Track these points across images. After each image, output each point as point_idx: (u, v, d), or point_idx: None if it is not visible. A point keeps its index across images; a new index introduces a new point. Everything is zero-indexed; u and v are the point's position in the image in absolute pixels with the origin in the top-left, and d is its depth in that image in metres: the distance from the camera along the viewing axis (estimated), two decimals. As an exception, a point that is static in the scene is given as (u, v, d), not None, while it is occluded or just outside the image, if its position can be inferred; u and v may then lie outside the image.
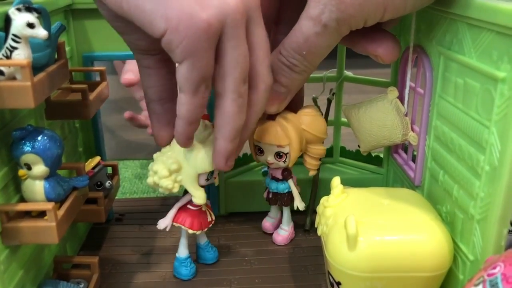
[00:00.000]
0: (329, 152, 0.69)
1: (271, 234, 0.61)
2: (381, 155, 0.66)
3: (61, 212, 0.41)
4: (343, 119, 0.67)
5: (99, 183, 0.55)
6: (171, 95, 0.45)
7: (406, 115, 0.55)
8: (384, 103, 0.55)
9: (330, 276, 0.47)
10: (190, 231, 0.52)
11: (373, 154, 0.67)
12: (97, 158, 0.56)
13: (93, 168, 0.55)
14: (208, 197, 0.54)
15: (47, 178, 0.42)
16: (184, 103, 0.39)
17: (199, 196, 0.50)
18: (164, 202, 0.71)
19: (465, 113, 0.43)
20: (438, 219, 0.45)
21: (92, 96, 0.51)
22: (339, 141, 0.69)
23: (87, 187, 0.48)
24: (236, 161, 0.65)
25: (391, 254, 0.43)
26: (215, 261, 0.56)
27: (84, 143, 0.62)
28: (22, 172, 0.41)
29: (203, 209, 0.53)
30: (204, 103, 0.40)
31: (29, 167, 0.41)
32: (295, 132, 0.53)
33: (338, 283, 0.45)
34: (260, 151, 0.55)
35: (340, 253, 0.44)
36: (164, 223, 0.52)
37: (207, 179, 0.50)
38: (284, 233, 0.60)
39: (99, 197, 0.53)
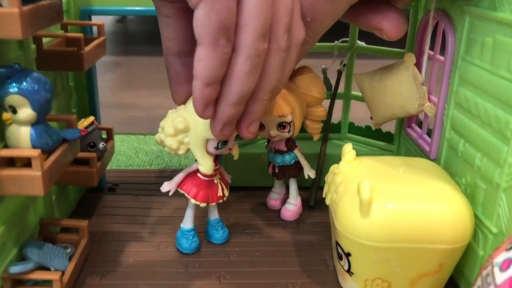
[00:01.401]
0: (337, 128, 0.66)
1: (276, 211, 0.58)
2: (392, 132, 0.63)
3: (48, 163, 0.38)
4: (354, 93, 0.63)
5: (92, 143, 0.51)
6: (191, 49, 0.39)
7: (423, 84, 0.52)
8: (400, 70, 0.52)
9: (338, 248, 0.43)
10: (193, 201, 0.48)
11: (383, 130, 0.64)
12: (91, 118, 0.52)
13: (86, 127, 0.51)
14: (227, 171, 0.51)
15: (34, 124, 0.38)
16: (202, 58, 0.33)
17: (204, 164, 0.46)
18: (161, 174, 0.68)
19: (493, 73, 0.40)
20: (458, 189, 0.42)
21: (87, 47, 0.47)
22: (348, 116, 0.65)
23: (79, 143, 0.44)
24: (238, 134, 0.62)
25: (407, 223, 0.39)
26: (223, 242, 0.51)
27: (78, 105, 0.58)
28: (6, 115, 0.37)
29: (215, 181, 0.48)
30: (225, 60, 0.34)
31: (14, 110, 0.37)
32: (295, 98, 0.50)
33: (348, 254, 0.42)
34: (260, 126, 0.52)
35: (352, 220, 0.40)
36: (168, 186, 0.48)
37: (217, 148, 0.45)
38: (292, 207, 0.56)
39: (91, 158, 0.50)
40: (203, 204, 0.48)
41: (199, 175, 0.48)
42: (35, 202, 0.46)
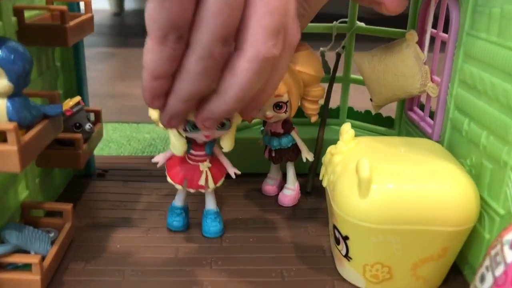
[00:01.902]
0: (335, 113, 0.63)
1: (272, 197, 0.55)
2: (392, 116, 0.60)
3: (26, 138, 0.35)
4: (353, 76, 0.61)
5: (78, 124, 0.49)
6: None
7: (425, 63, 0.49)
8: (402, 49, 0.50)
9: (335, 231, 0.41)
10: (168, 180, 0.46)
11: (383, 115, 0.61)
12: (77, 98, 0.50)
13: (72, 108, 0.49)
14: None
15: (10, 97, 0.35)
16: (149, 51, 0.31)
17: (174, 145, 0.43)
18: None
19: (501, 45, 0.38)
20: (462, 169, 0.39)
21: (72, 22, 0.45)
22: (346, 101, 0.63)
23: (61, 120, 0.42)
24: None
25: (409, 204, 0.37)
26: (214, 236, 0.48)
27: (65, 86, 0.55)
28: (-19, 86, 0.35)
29: (201, 168, 0.45)
30: (174, 57, 0.31)
31: (-11, 81, 0.34)
32: (291, 76, 0.47)
33: (346, 238, 0.40)
34: (258, 111, 0.49)
35: (350, 201, 0.38)
36: (158, 157, 0.46)
37: (185, 130, 0.42)
38: (290, 192, 0.54)
39: (77, 139, 0.47)
40: (178, 186, 0.46)
41: (186, 157, 0.46)
42: (15, 183, 0.44)
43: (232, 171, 0.46)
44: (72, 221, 0.45)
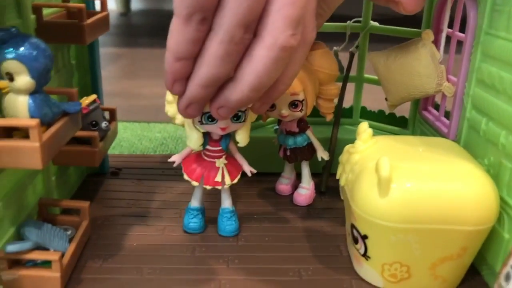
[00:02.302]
0: (349, 113, 0.63)
1: (286, 197, 0.55)
2: (406, 116, 0.60)
3: (47, 134, 0.35)
4: (366, 75, 0.61)
5: (94, 122, 0.49)
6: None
7: (441, 63, 0.49)
8: (417, 48, 0.49)
9: (354, 230, 0.41)
10: (185, 177, 0.46)
11: (397, 115, 0.61)
12: (93, 96, 0.50)
13: (88, 106, 0.49)
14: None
15: (32, 93, 0.35)
16: (174, 31, 0.32)
17: (190, 138, 0.43)
18: (166, 160, 0.65)
19: (521, 44, 0.38)
20: (481, 168, 0.39)
21: (90, 20, 0.45)
22: (360, 100, 0.63)
23: (80, 118, 0.42)
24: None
25: (428, 203, 0.37)
26: (230, 235, 0.47)
27: (80, 84, 0.56)
28: (3, 83, 0.35)
29: (217, 164, 0.45)
30: (197, 38, 0.32)
31: (11, 78, 0.35)
32: (307, 74, 0.47)
33: (364, 237, 0.39)
34: (270, 106, 0.49)
35: (369, 200, 0.38)
36: (174, 157, 0.46)
37: (201, 122, 0.42)
38: (305, 191, 0.54)
39: (93, 137, 0.47)
40: (195, 183, 0.46)
41: (202, 154, 0.46)
42: (34, 180, 0.44)
43: (248, 169, 0.46)
44: (89, 218, 0.45)
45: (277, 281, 0.41)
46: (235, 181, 0.46)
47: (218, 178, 0.45)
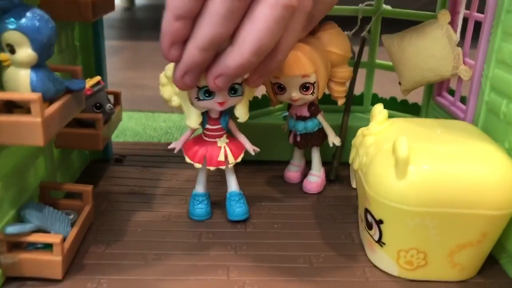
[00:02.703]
0: (359, 100, 0.62)
1: (295, 184, 0.54)
2: (419, 103, 0.58)
3: (49, 110, 0.34)
4: (378, 61, 0.59)
5: (98, 104, 0.48)
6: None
7: (457, 45, 0.48)
8: (433, 30, 0.48)
9: (368, 215, 0.39)
10: (188, 160, 0.44)
11: (409, 102, 0.60)
12: (97, 78, 0.49)
13: (92, 87, 0.47)
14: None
15: (34, 67, 0.34)
16: None
17: (188, 117, 0.42)
18: (171, 148, 0.64)
19: (546, 20, 0.36)
20: (503, 151, 0.38)
21: (95, -3, 0.43)
22: (371, 87, 0.61)
23: (83, 96, 0.41)
24: (253, 103, 0.58)
25: (447, 185, 0.35)
26: (240, 219, 0.46)
27: (84, 67, 0.54)
28: (4, 56, 0.33)
29: (219, 144, 0.44)
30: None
31: (12, 50, 0.33)
32: (319, 56, 0.45)
33: (379, 222, 0.38)
34: (280, 88, 0.47)
35: (385, 183, 0.36)
36: (174, 143, 0.44)
37: (198, 98, 0.40)
38: (316, 179, 0.52)
39: (97, 119, 0.46)
40: (198, 165, 0.44)
41: (202, 135, 0.45)
42: (35, 162, 0.43)
43: (251, 147, 0.45)
44: (92, 203, 0.44)
45: (287, 268, 0.40)
46: (239, 159, 0.45)
47: (221, 158, 0.44)
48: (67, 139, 0.46)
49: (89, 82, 0.47)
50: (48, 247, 0.37)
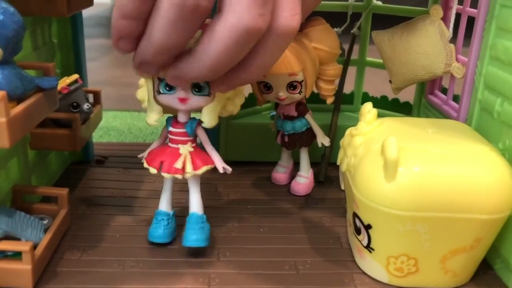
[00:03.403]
0: (349, 98, 0.60)
1: (282, 186, 0.52)
2: (410, 102, 0.57)
3: (16, 110, 0.32)
4: (369, 59, 0.57)
5: (75, 103, 0.45)
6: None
7: (450, 42, 0.46)
8: (425, 25, 0.46)
9: (356, 220, 0.37)
10: (145, 165, 0.40)
11: (400, 101, 0.58)
12: (75, 76, 0.46)
13: (69, 85, 0.45)
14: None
15: (0, 64, 0.32)
16: None
17: (148, 112, 0.39)
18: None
19: (542, 14, 0.34)
20: (496, 151, 0.36)
21: (71, -9, 0.41)
22: (361, 85, 0.59)
23: (57, 95, 0.38)
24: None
25: (439, 188, 0.33)
26: (197, 245, 0.39)
27: (62, 65, 0.52)
28: (-35, 52, 0.31)
29: (181, 151, 0.39)
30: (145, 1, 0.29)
31: (-25, 45, 0.31)
32: (307, 53, 0.44)
33: (368, 227, 0.36)
34: (266, 87, 0.46)
35: (374, 185, 0.34)
36: (144, 153, 0.41)
37: (158, 91, 0.37)
38: (304, 180, 0.50)
39: (74, 119, 0.44)
40: (153, 170, 0.39)
41: (168, 142, 0.41)
42: (7, 165, 0.40)
43: (221, 165, 0.40)
44: (68, 207, 0.42)
45: (272, 275, 0.38)
46: (199, 172, 0.39)
47: (179, 165, 0.38)
48: (43, 139, 0.44)
49: (66, 80, 0.45)
50: (18, 255, 0.35)
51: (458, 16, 0.47)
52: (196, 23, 0.29)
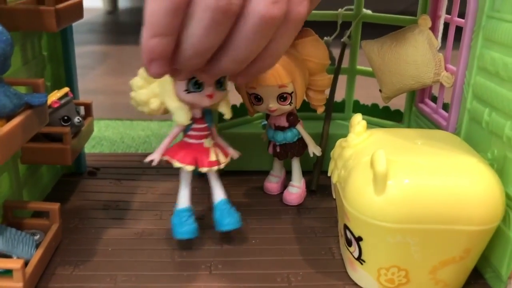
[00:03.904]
0: (341, 107, 0.60)
1: (275, 196, 0.52)
2: (401, 110, 0.57)
3: (5, 128, 0.32)
4: (359, 67, 0.58)
5: (66, 117, 0.45)
6: None
7: (439, 51, 0.46)
8: (414, 35, 0.46)
9: (347, 232, 0.37)
10: (177, 164, 0.41)
11: (391, 108, 0.58)
12: (65, 89, 0.46)
13: (60, 99, 0.45)
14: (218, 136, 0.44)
15: (-12, 83, 0.32)
16: (151, 1, 0.28)
17: (177, 113, 0.39)
18: (147, 158, 0.61)
19: (527, 26, 0.34)
20: (485, 162, 0.36)
21: (59, 6, 0.41)
22: (352, 94, 0.59)
23: (47, 111, 0.38)
24: (232, 111, 0.56)
25: (428, 201, 0.33)
26: (235, 227, 0.42)
27: (53, 78, 0.52)
28: (-47, 71, 0.31)
29: (206, 145, 0.41)
30: (177, 7, 0.28)
31: (-37, 65, 0.31)
32: (296, 65, 0.44)
33: (359, 239, 0.36)
34: (257, 99, 0.46)
35: (364, 198, 0.34)
36: (152, 155, 0.41)
37: (188, 90, 0.38)
38: (296, 190, 0.50)
39: (65, 133, 0.44)
40: (189, 167, 0.41)
41: (186, 139, 0.42)
42: (-3, 181, 0.40)
43: (233, 152, 0.44)
44: (60, 222, 0.42)
45: (264, 288, 0.38)
46: (228, 159, 0.43)
47: (213, 157, 0.41)
48: (34, 154, 0.44)
49: (57, 94, 0.45)
50: (9, 272, 0.35)
51: (447, 25, 0.47)
52: (229, 22, 0.29)
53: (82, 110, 0.51)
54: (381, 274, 0.37)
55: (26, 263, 0.35)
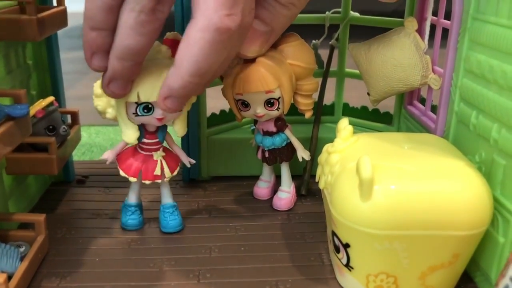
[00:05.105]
0: (330, 109, 0.60)
1: (264, 201, 0.52)
2: (391, 112, 0.57)
3: (-15, 141, 0.31)
4: (348, 70, 0.57)
5: (51, 127, 0.45)
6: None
7: (425, 53, 0.46)
8: (400, 38, 0.46)
9: (335, 238, 0.37)
10: (122, 173, 0.44)
11: (381, 111, 0.58)
12: (50, 98, 0.46)
13: (45, 108, 0.45)
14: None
15: (-34, 95, 0.31)
16: None
17: (125, 132, 0.41)
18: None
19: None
20: (472, 166, 0.36)
21: (41, 15, 0.41)
22: (342, 96, 0.59)
23: (29, 122, 0.38)
24: (221, 116, 0.56)
25: (416, 206, 0.33)
26: (174, 231, 0.45)
27: (39, 87, 0.51)
28: None
29: (155, 157, 0.43)
30: (110, 6, 0.31)
31: None
32: (282, 70, 0.43)
33: (346, 246, 0.36)
34: (244, 105, 0.45)
35: (350, 205, 0.34)
36: (107, 154, 0.43)
37: (136, 113, 0.39)
38: (286, 195, 0.50)
39: (50, 143, 0.43)
40: (132, 179, 0.43)
41: (137, 147, 0.43)
42: (-19, 193, 0.40)
43: (187, 160, 0.45)
44: (46, 233, 0.41)
45: (253, 297, 0.38)
46: (175, 173, 0.44)
47: (157, 172, 0.43)
48: (19, 164, 0.44)
49: (41, 103, 0.45)
50: (-7, 286, 0.34)
51: (433, 27, 0.47)
52: (156, 26, 0.32)
53: (69, 118, 0.51)
54: (370, 281, 0.36)
55: (10, 277, 0.35)
